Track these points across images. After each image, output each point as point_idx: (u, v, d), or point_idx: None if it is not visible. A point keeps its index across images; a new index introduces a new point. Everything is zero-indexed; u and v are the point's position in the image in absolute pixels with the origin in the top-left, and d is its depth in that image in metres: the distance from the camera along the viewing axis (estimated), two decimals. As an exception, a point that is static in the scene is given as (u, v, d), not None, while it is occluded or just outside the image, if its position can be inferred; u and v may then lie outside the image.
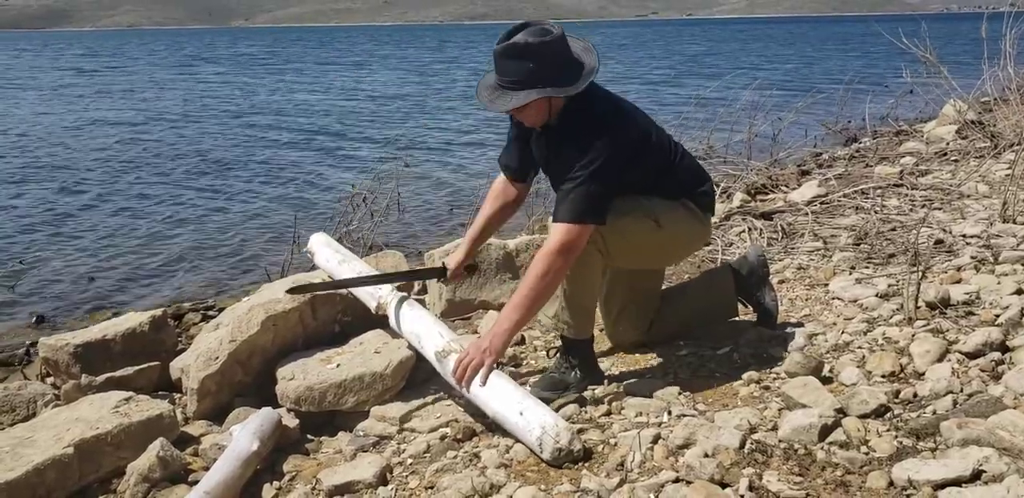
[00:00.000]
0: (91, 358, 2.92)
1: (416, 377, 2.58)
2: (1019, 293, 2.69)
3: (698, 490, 1.69)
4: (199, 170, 8.97)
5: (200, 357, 2.64)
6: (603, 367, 2.55)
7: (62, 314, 4.58)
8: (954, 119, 7.10)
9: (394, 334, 2.67)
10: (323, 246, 3.14)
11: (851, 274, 3.32)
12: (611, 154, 2.18)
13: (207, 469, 2.17)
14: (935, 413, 1.99)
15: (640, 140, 2.31)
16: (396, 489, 2.02)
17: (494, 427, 2.20)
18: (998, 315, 2.52)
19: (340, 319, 2.89)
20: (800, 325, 2.78)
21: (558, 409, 2.23)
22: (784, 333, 2.67)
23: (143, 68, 30.40)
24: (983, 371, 2.19)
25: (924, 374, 2.25)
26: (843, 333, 2.64)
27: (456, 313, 3.34)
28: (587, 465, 1.95)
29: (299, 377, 2.52)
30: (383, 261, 3.34)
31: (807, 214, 4.41)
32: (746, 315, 2.87)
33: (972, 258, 3.19)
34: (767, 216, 4.51)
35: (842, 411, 2.03)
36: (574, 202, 2.17)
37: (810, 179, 5.58)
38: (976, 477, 1.65)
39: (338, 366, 2.55)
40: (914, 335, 2.48)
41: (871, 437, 1.91)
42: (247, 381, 2.68)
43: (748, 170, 5.78)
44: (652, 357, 2.65)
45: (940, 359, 2.29)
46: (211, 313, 4.12)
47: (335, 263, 2.97)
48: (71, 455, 2.17)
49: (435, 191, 7.54)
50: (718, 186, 5.24)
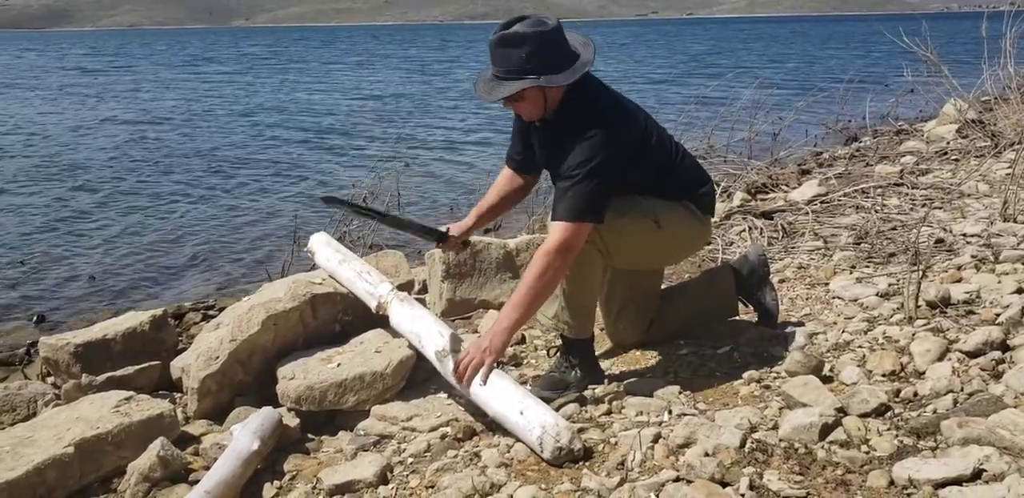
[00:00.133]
0: (91, 358, 2.93)
1: (417, 376, 2.58)
2: (1020, 292, 2.69)
3: (699, 489, 1.69)
4: (200, 170, 8.98)
5: (201, 356, 2.64)
6: (603, 366, 2.55)
7: (62, 314, 4.59)
8: (955, 118, 7.10)
9: (395, 333, 2.68)
10: (323, 245, 3.14)
11: (851, 273, 3.32)
12: (610, 152, 2.17)
13: (208, 468, 2.17)
14: (936, 412, 1.99)
15: (640, 138, 2.30)
16: (397, 488, 2.02)
17: (494, 426, 2.20)
18: (998, 314, 2.52)
19: (341, 318, 2.89)
20: (800, 324, 2.78)
21: (558, 408, 2.23)
22: (784, 332, 2.67)
23: (148, 68, 30.41)
24: (984, 370, 2.19)
25: (924, 373, 2.24)
26: (843, 332, 2.64)
27: (456, 312, 3.34)
28: (588, 464, 1.95)
29: (300, 376, 2.52)
30: (383, 260, 3.34)
31: (807, 213, 4.41)
32: (746, 314, 2.86)
33: (972, 257, 3.19)
34: (767, 215, 4.51)
35: (842, 410, 2.03)
36: (572, 200, 2.16)
37: (810, 178, 5.58)
38: (977, 476, 1.65)
39: (339, 365, 2.55)
40: (914, 334, 2.48)
41: (872, 436, 1.91)
42: (248, 380, 2.68)
43: (749, 169, 5.78)
44: (652, 356, 2.65)
45: (940, 358, 2.29)
46: (211, 312, 4.12)
47: (335, 262, 2.97)
48: (72, 454, 2.18)
49: (436, 190, 7.55)
50: (718, 185, 5.23)
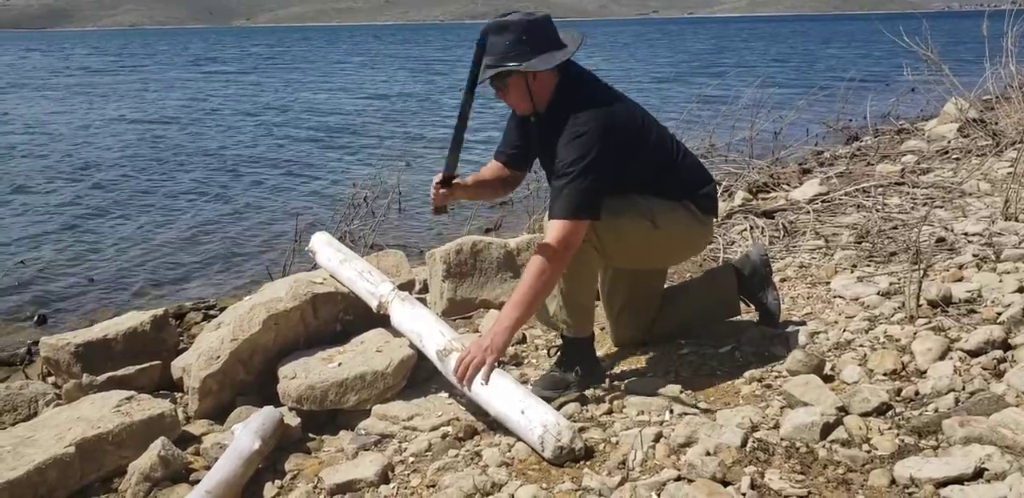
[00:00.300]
0: (92, 357, 2.93)
1: (417, 376, 2.58)
2: (1021, 291, 2.69)
3: (700, 488, 1.68)
4: (201, 170, 8.97)
5: (202, 356, 2.64)
6: (604, 366, 2.55)
7: (63, 313, 4.59)
8: (956, 117, 7.09)
9: (395, 333, 2.67)
10: (324, 245, 3.14)
11: (853, 272, 3.31)
12: (604, 148, 2.17)
13: (208, 468, 2.17)
14: (937, 411, 1.99)
15: (636, 135, 2.30)
16: (398, 487, 2.02)
17: (495, 426, 2.20)
18: (1000, 313, 2.51)
19: (341, 318, 2.89)
20: (802, 323, 2.77)
21: (559, 408, 2.23)
22: (786, 331, 2.67)
23: (154, 68, 30.45)
24: (985, 369, 2.19)
25: (926, 372, 2.24)
26: (845, 331, 2.63)
27: (457, 312, 3.34)
28: (589, 464, 1.95)
29: (301, 376, 2.52)
30: (384, 260, 3.34)
31: (809, 212, 4.41)
32: (748, 314, 2.86)
33: (974, 256, 3.18)
34: (769, 214, 4.50)
35: (844, 409, 2.03)
36: (568, 198, 2.16)
37: (812, 177, 5.58)
38: (978, 475, 1.65)
39: (340, 365, 2.55)
40: (916, 333, 2.47)
41: (873, 435, 1.91)
42: (249, 380, 2.68)
43: (750, 168, 5.78)
44: (654, 355, 2.64)
45: (942, 357, 2.29)
46: (212, 312, 4.12)
47: (336, 262, 2.97)
48: (72, 454, 2.18)
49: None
50: (720, 184, 5.23)
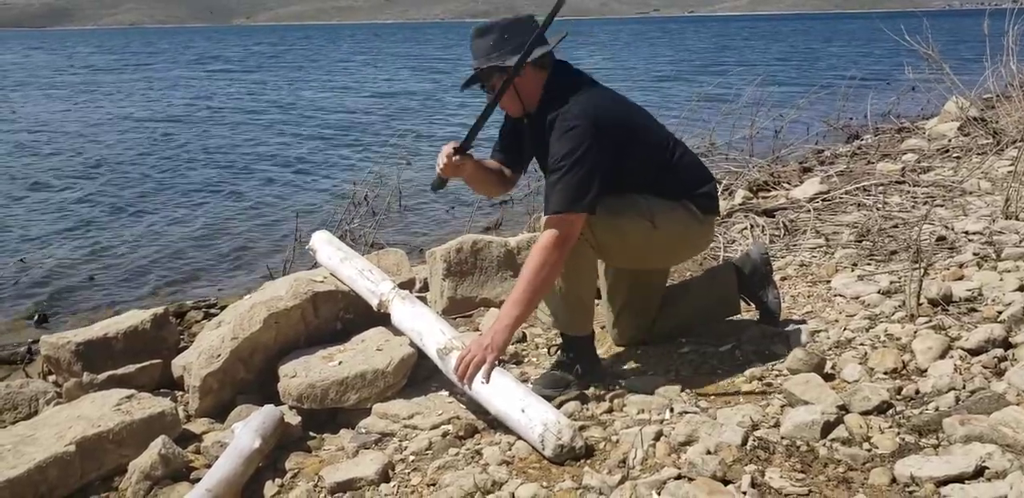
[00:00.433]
0: (93, 356, 2.93)
1: (418, 374, 2.58)
2: (1022, 290, 2.69)
3: (700, 487, 1.68)
4: (203, 169, 8.97)
5: (202, 355, 2.64)
6: (605, 364, 2.55)
7: (64, 312, 4.59)
8: (956, 116, 7.09)
9: (396, 331, 2.67)
10: (325, 244, 3.14)
11: (853, 271, 3.31)
12: (593, 141, 2.18)
13: (209, 467, 2.17)
14: (937, 410, 1.99)
15: (630, 132, 2.30)
16: (398, 486, 2.02)
17: (496, 424, 2.20)
18: (1000, 312, 2.52)
19: (342, 316, 2.89)
20: (802, 322, 2.78)
21: (559, 406, 2.23)
22: (786, 330, 2.67)
23: (158, 66, 30.45)
24: (985, 368, 2.19)
25: (926, 371, 2.24)
26: (845, 330, 2.63)
27: (457, 310, 3.34)
28: (589, 462, 1.95)
29: (301, 374, 2.52)
30: (384, 258, 3.34)
31: (809, 211, 4.41)
32: (748, 312, 2.86)
33: (974, 255, 3.18)
34: (769, 213, 4.50)
35: (844, 408, 2.03)
36: (561, 193, 2.17)
37: (812, 176, 5.58)
38: (979, 474, 1.65)
39: (340, 363, 2.55)
40: (916, 332, 2.48)
41: (873, 434, 1.91)
42: (249, 379, 2.68)
43: (750, 167, 5.78)
44: (654, 354, 2.64)
45: (942, 356, 2.29)
46: (213, 311, 4.12)
47: (337, 260, 2.97)
48: (73, 453, 2.18)
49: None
50: (720, 183, 5.23)
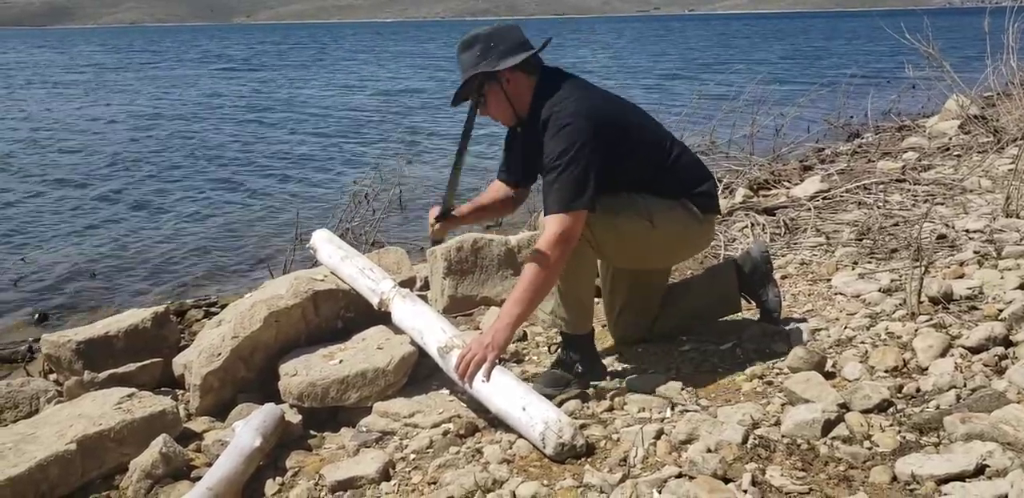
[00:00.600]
0: (93, 355, 2.93)
1: (419, 373, 2.58)
2: (1022, 288, 2.69)
3: (701, 485, 1.68)
4: (204, 168, 8.98)
5: (203, 353, 2.64)
6: (605, 362, 2.55)
7: (64, 311, 4.59)
8: (957, 114, 7.09)
9: (396, 330, 2.67)
10: (325, 242, 3.14)
11: (854, 269, 3.31)
12: (586, 139, 2.18)
13: (210, 465, 2.17)
14: (938, 408, 1.99)
15: (624, 131, 2.30)
16: (399, 484, 2.02)
17: (497, 423, 2.20)
18: (1001, 310, 2.51)
19: (342, 315, 2.89)
20: (803, 320, 2.77)
21: (560, 405, 2.23)
22: (787, 328, 2.66)
23: (164, 65, 30.44)
24: (986, 366, 2.19)
25: (927, 369, 2.24)
26: (846, 328, 2.63)
27: (458, 309, 3.34)
28: (590, 460, 1.95)
29: (302, 373, 2.52)
30: (385, 257, 3.33)
31: (810, 209, 4.41)
32: (749, 311, 2.86)
33: (975, 253, 3.18)
34: (770, 211, 4.50)
35: (845, 406, 2.03)
36: (559, 192, 2.17)
37: (812, 174, 5.58)
38: (980, 472, 1.65)
39: (340, 362, 2.55)
40: (917, 330, 2.48)
41: (874, 432, 1.91)
42: (250, 377, 2.68)
43: (751, 165, 5.77)
44: (654, 352, 2.64)
45: (943, 354, 2.29)
46: (213, 309, 4.12)
47: (337, 259, 2.97)
48: (74, 451, 2.18)
49: (437, 188, 7.53)
50: (720, 181, 5.23)
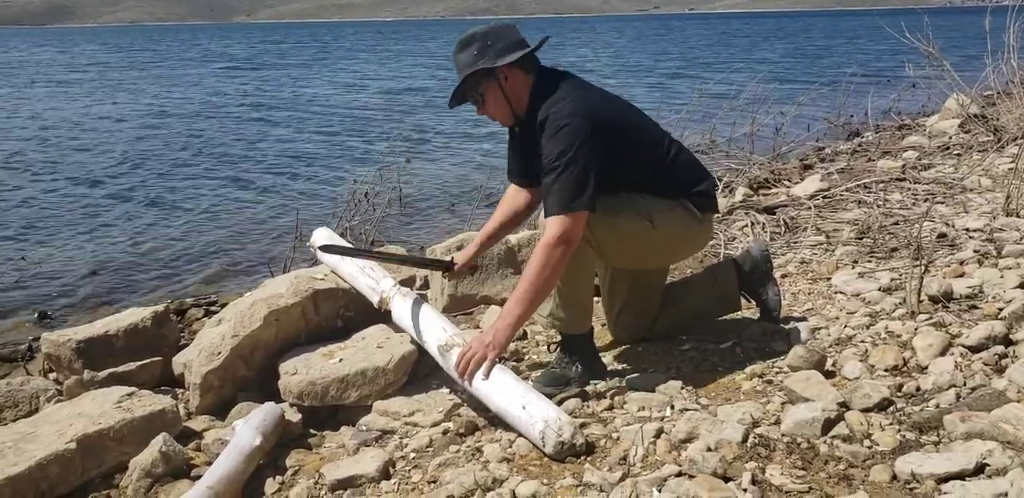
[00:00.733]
0: (93, 354, 2.93)
1: (419, 372, 2.58)
2: (1022, 287, 2.68)
3: (701, 484, 1.68)
4: (205, 167, 8.97)
5: (202, 352, 2.64)
6: (605, 361, 2.55)
7: (64, 310, 4.59)
8: (957, 113, 7.09)
9: (396, 329, 2.67)
10: (326, 241, 3.13)
11: (854, 268, 3.31)
12: (584, 138, 2.18)
13: (210, 464, 2.17)
14: (938, 407, 1.99)
15: (623, 131, 2.30)
16: (399, 483, 2.02)
17: (496, 421, 2.20)
18: (1001, 309, 2.51)
19: (342, 314, 2.89)
20: (803, 319, 2.77)
21: (560, 403, 2.23)
22: (787, 327, 2.66)
23: (166, 64, 30.43)
24: (986, 365, 2.19)
25: (927, 368, 2.24)
26: (846, 327, 2.63)
27: (458, 308, 3.34)
28: (590, 459, 1.95)
29: (301, 372, 2.52)
30: (385, 256, 3.33)
31: (810, 208, 4.41)
32: (749, 309, 2.86)
33: (975, 252, 3.18)
34: (770, 210, 4.50)
35: (845, 405, 2.03)
36: (559, 192, 2.17)
37: (812, 173, 5.58)
38: (980, 471, 1.65)
39: (340, 361, 2.55)
40: (917, 329, 2.47)
41: (874, 431, 1.91)
42: (250, 376, 2.68)
43: (751, 164, 5.77)
44: (654, 351, 2.64)
45: (943, 353, 2.29)
46: (213, 308, 4.12)
47: (338, 258, 2.97)
48: (74, 450, 2.18)
49: (438, 186, 7.54)
50: (720, 180, 5.23)
